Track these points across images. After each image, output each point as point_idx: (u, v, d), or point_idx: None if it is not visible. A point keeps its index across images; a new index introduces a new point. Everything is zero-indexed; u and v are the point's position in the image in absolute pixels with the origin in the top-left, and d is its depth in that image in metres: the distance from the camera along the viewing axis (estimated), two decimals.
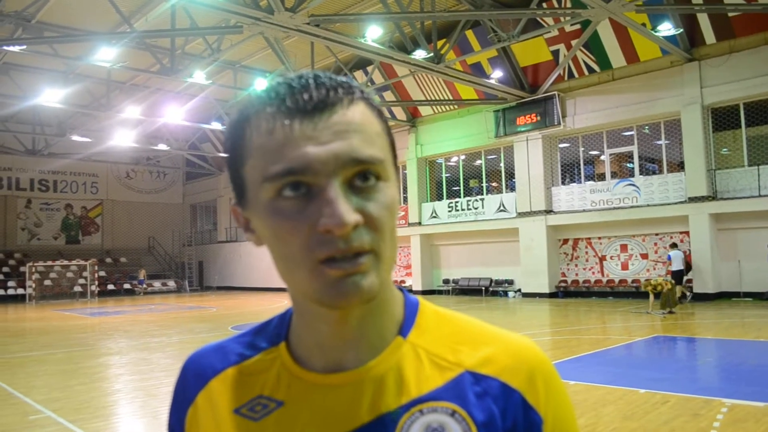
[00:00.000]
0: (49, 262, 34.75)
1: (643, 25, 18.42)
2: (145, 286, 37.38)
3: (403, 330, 0.77)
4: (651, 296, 16.64)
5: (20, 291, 34.06)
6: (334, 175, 0.65)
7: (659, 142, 21.87)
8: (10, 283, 34.65)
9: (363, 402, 0.72)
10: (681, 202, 20.27)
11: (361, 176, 0.66)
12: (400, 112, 27.90)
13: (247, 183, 0.70)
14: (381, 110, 0.73)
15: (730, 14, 18.60)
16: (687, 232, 20.31)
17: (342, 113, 0.67)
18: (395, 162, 0.74)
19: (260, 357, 0.80)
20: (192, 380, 0.83)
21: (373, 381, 0.73)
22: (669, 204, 20.58)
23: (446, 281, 27.50)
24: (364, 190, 0.67)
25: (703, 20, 19.19)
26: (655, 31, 18.43)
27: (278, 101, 0.67)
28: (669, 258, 18.25)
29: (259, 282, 35.95)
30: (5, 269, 35.80)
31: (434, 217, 27.50)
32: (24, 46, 18.68)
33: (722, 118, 20.06)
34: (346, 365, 0.74)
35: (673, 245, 19.00)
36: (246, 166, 0.69)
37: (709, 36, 19.47)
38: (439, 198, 28.22)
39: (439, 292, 27.30)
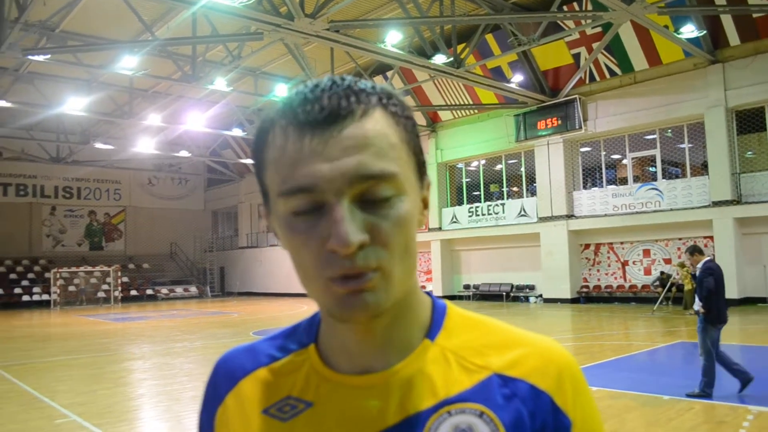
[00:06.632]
0: (73, 268, 35.21)
1: (666, 27, 18.25)
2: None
3: (431, 333, 0.77)
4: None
5: (45, 297, 34.50)
6: (342, 193, 0.64)
7: (682, 146, 21.65)
8: (35, 289, 35.11)
9: (391, 403, 0.72)
10: (705, 207, 20.02)
11: (372, 192, 0.66)
12: (419, 117, 27.89)
13: (268, 191, 0.71)
14: (404, 114, 0.71)
15: (755, 15, 18.38)
16: (711, 237, 20.05)
17: (354, 126, 0.65)
18: (420, 169, 0.73)
19: (290, 358, 0.81)
20: (222, 380, 0.84)
21: (401, 383, 0.73)
22: (692, 208, 20.33)
23: (467, 286, 27.40)
24: (375, 206, 0.66)
25: (727, 21, 18.97)
26: (678, 33, 18.26)
27: (291, 114, 0.67)
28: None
29: (279, 288, 36.06)
30: (30, 275, 36.31)
31: (454, 222, 27.43)
32: (48, 56, 18.98)
33: (747, 121, 19.80)
34: (374, 368, 0.74)
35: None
36: (266, 176, 0.70)
37: (733, 37, 19.24)
38: (460, 203, 28.15)
39: (460, 298, 27.18)
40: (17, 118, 29.18)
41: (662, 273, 20.59)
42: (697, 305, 7.55)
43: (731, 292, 19.03)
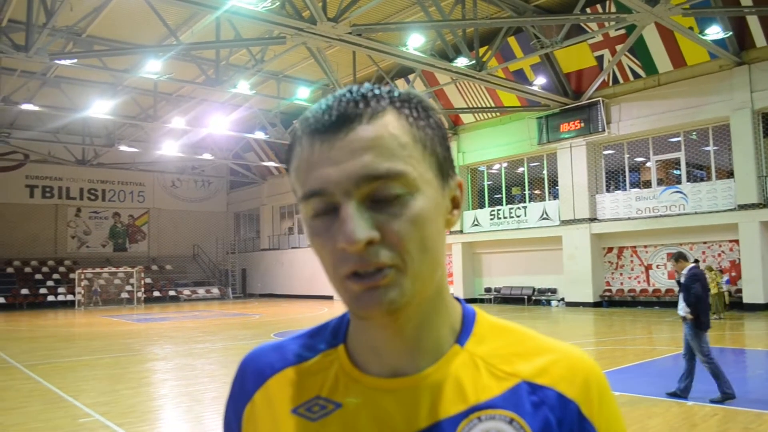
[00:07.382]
0: (98, 269, 35.64)
1: (691, 28, 18.05)
2: None
3: (461, 339, 0.78)
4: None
5: (69, 297, 34.96)
6: (349, 194, 0.66)
7: (707, 148, 21.38)
8: (60, 290, 35.59)
9: (421, 408, 0.73)
10: (730, 210, 19.75)
11: (382, 191, 0.67)
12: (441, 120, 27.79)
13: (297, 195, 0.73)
14: (420, 116, 0.72)
15: None
16: (737, 241, 19.77)
17: (361, 129, 0.67)
18: (443, 169, 0.73)
19: (319, 358, 0.81)
20: (250, 378, 0.85)
21: (431, 387, 0.74)
22: (718, 212, 20.07)
23: (488, 290, 27.29)
24: (385, 205, 0.67)
25: (753, 23, 18.72)
26: (703, 35, 18.05)
27: (307, 124, 0.71)
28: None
29: (301, 289, 36.20)
30: (56, 276, 36.81)
31: (476, 225, 27.33)
32: (74, 60, 19.24)
33: None
34: (404, 371, 0.75)
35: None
36: (293, 185, 0.73)
37: (760, 39, 18.98)
38: (481, 206, 28.05)
39: (481, 301, 27.07)
40: (44, 121, 29.67)
41: None
42: (684, 311, 7.61)
43: (758, 296, 18.83)
